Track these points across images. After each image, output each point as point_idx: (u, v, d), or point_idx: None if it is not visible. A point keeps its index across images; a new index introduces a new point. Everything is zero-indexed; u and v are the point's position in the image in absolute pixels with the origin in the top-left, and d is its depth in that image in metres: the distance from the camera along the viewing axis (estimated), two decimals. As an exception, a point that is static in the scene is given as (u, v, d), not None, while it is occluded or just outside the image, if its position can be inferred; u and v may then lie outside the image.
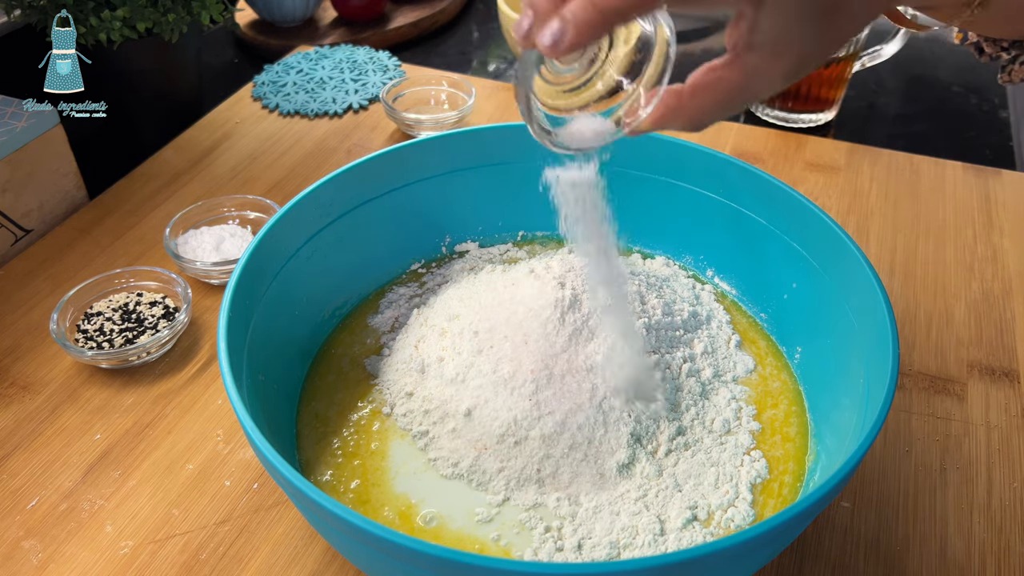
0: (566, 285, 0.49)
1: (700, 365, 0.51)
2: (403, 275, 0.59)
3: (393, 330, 0.55)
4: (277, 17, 0.99)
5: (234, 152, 0.77)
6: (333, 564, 0.45)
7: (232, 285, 0.44)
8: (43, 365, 0.56)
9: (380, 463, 0.47)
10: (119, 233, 0.67)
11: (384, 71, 0.89)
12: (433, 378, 0.49)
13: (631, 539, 0.42)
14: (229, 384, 0.40)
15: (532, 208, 0.60)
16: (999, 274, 0.64)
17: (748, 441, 0.47)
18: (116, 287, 0.59)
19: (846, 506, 0.48)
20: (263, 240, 0.48)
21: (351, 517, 0.33)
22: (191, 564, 0.45)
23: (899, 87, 0.93)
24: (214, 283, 0.62)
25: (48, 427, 0.52)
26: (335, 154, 0.77)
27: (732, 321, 0.55)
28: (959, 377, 0.56)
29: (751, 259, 0.55)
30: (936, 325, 0.59)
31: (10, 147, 0.63)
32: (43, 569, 0.45)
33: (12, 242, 0.66)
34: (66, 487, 0.49)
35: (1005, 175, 0.74)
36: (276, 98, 0.84)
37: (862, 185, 0.73)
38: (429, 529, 0.43)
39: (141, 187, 0.72)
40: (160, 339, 0.55)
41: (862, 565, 0.45)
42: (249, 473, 0.49)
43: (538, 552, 0.42)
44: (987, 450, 0.51)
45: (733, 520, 0.43)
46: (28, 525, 0.47)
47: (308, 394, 0.51)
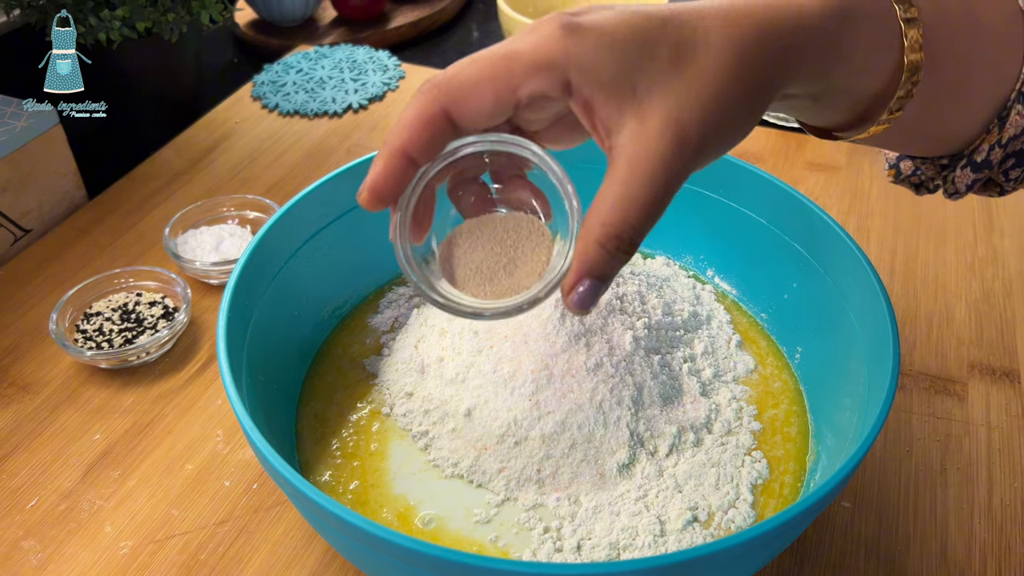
0: (566, 285, 0.49)
1: (701, 365, 0.51)
2: (403, 275, 0.59)
3: (393, 330, 0.55)
4: (277, 17, 0.99)
5: (234, 152, 0.77)
6: (332, 564, 0.45)
7: (232, 285, 0.44)
8: (42, 365, 0.56)
9: (379, 464, 0.47)
10: (118, 233, 0.67)
11: (384, 71, 0.89)
12: (433, 378, 0.48)
13: (631, 540, 0.42)
14: (228, 384, 0.39)
15: (532, 208, 0.60)
16: (999, 274, 0.64)
17: (749, 441, 0.47)
18: (115, 287, 0.59)
19: (847, 506, 0.48)
20: (263, 240, 0.48)
21: (350, 517, 0.33)
22: (190, 564, 0.45)
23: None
24: (213, 283, 0.62)
25: (47, 427, 0.52)
26: (335, 154, 0.77)
27: (732, 321, 0.55)
28: (960, 377, 0.56)
29: (751, 259, 0.55)
30: (937, 325, 0.59)
31: (10, 147, 0.63)
32: (42, 569, 0.45)
33: (11, 242, 0.65)
34: (65, 487, 0.49)
35: (1006, 175, 0.74)
36: (276, 98, 0.84)
37: (862, 185, 0.73)
38: (428, 530, 0.43)
39: (140, 187, 0.72)
40: (159, 339, 0.55)
41: (862, 565, 0.45)
42: (248, 473, 0.49)
43: (537, 553, 0.42)
44: (988, 450, 0.51)
45: (734, 521, 0.43)
46: (27, 525, 0.47)
47: (308, 394, 0.51)
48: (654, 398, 0.47)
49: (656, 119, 0.30)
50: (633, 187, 0.30)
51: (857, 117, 0.36)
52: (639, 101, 0.30)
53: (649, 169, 0.30)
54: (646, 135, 0.30)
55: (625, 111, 0.30)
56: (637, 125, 0.30)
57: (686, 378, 0.49)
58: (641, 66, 0.30)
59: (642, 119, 0.30)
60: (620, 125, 0.31)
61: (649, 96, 0.30)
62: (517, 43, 0.31)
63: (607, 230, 0.31)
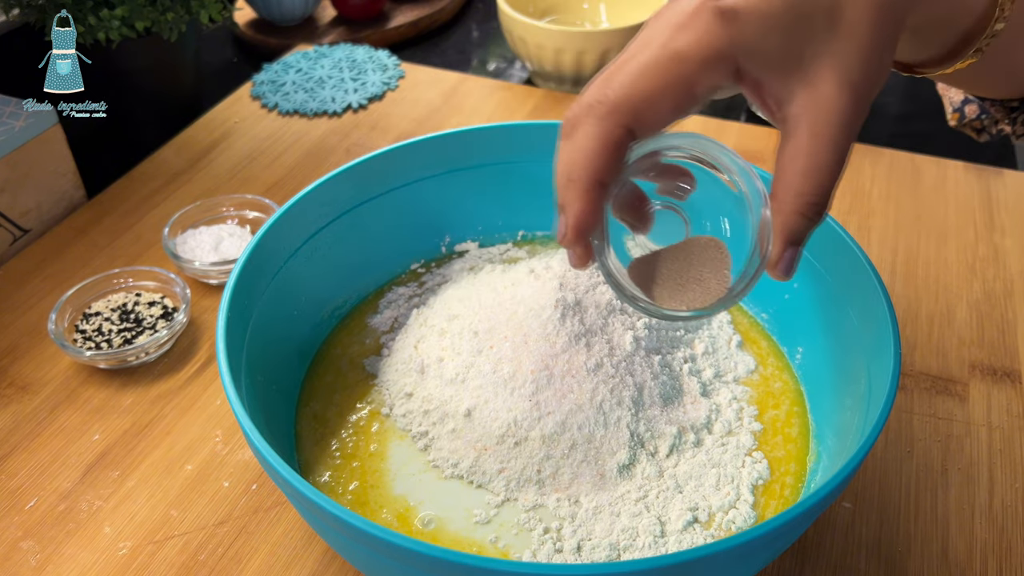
0: (566, 285, 0.49)
1: (701, 365, 0.50)
2: (403, 275, 0.59)
3: (392, 330, 0.55)
4: (276, 16, 0.99)
5: (233, 151, 0.77)
6: (332, 565, 0.45)
7: (231, 285, 0.44)
8: (41, 365, 0.56)
9: (379, 464, 0.46)
10: (118, 233, 0.67)
11: (383, 70, 0.89)
12: (433, 378, 0.48)
13: (631, 540, 0.42)
14: (228, 384, 0.39)
15: (532, 208, 0.60)
16: (1000, 274, 0.63)
17: (749, 442, 0.47)
18: (114, 287, 0.59)
19: (847, 507, 0.48)
20: (262, 240, 0.48)
21: (349, 518, 0.33)
22: (190, 565, 0.45)
23: (900, 87, 0.93)
24: (213, 283, 0.62)
25: (46, 427, 0.52)
26: (334, 153, 0.77)
27: (733, 321, 0.55)
28: (961, 377, 0.55)
29: (752, 259, 0.55)
30: (937, 325, 0.59)
31: (9, 147, 0.63)
32: (41, 570, 0.45)
33: (10, 242, 0.65)
34: (64, 488, 0.49)
35: (1006, 175, 0.74)
36: (275, 97, 0.84)
37: (863, 185, 0.73)
38: (427, 531, 0.43)
39: (140, 187, 0.72)
40: (159, 339, 0.55)
41: (863, 566, 0.45)
42: (248, 474, 0.49)
43: (537, 553, 0.42)
44: (989, 451, 0.51)
45: (734, 522, 0.43)
46: (26, 526, 0.47)
47: (307, 395, 0.51)
48: (654, 398, 0.47)
49: (829, 83, 0.31)
50: (821, 155, 0.31)
51: (947, 52, 0.38)
52: (805, 70, 0.31)
53: (833, 134, 0.31)
54: (822, 101, 0.31)
55: (792, 82, 0.31)
56: (808, 93, 0.31)
57: (686, 378, 0.49)
58: (804, 38, 0.31)
59: (812, 86, 0.31)
60: (791, 95, 0.31)
61: (816, 64, 0.31)
62: (675, 42, 0.31)
63: (806, 200, 0.32)
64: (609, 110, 0.31)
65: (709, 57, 0.31)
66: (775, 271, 0.33)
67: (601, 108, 0.31)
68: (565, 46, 0.81)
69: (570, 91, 0.86)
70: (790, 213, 0.32)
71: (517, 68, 0.97)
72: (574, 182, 0.32)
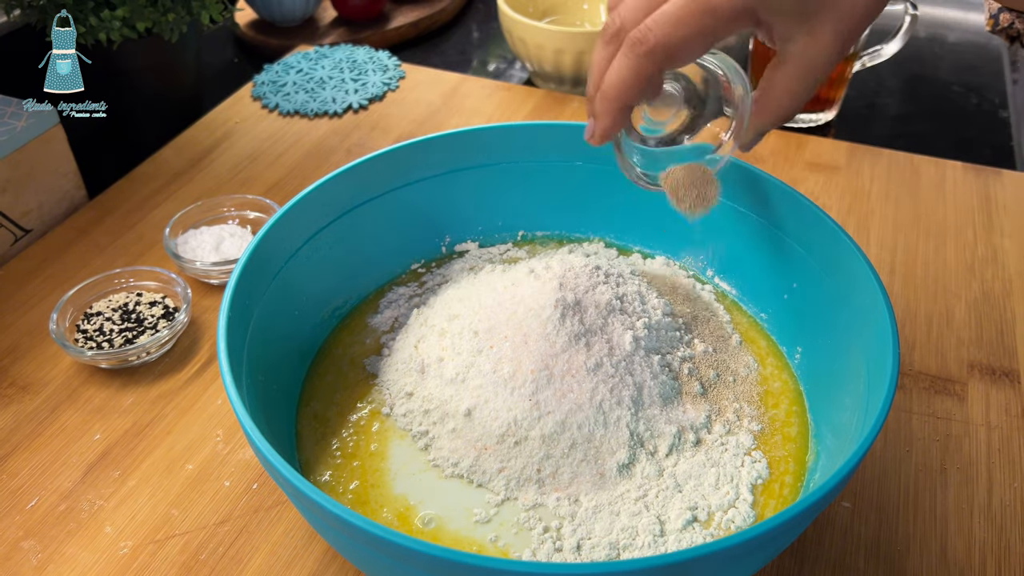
0: (566, 285, 0.49)
1: (700, 365, 0.51)
2: (403, 275, 0.59)
3: (393, 330, 0.55)
4: (277, 17, 0.99)
5: (234, 152, 0.77)
6: (332, 565, 0.45)
7: (232, 285, 0.44)
8: (42, 365, 0.56)
9: (379, 464, 0.47)
10: (119, 233, 0.67)
11: (384, 71, 0.89)
12: (433, 378, 0.48)
13: (631, 540, 0.42)
14: (229, 384, 0.40)
15: (532, 208, 0.60)
16: (999, 274, 0.64)
17: (749, 441, 0.47)
18: (116, 287, 0.59)
19: (846, 506, 0.48)
20: (263, 240, 0.48)
21: (350, 517, 0.33)
22: (191, 564, 0.45)
23: (899, 87, 0.93)
24: (214, 283, 0.62)
25: (47, 427, 0.52)
26: (335, 154, 0.77)
27: (732, 321, 0.55)
28: (959, 377, 0.56)
29: (751, 259, 0.55)
30: (936, 325, 0.59)
31: (10, 147, 0.63)
32: (42, 570, 0.45)
33: (12, 242, 0.66)
34: (65, 487, 0.49)
35: (1005, 175, 0.74)
36: (276, 98, 0.84)
37: (862, 185, 0.73)
38: (428, 530, 0.43)
39: (141, 187, 0.72)
40: (160, 339, 0.55)
41: (862, 565, 0.45)
42: (249, 473, 0.49)
43: (537, 553, 0.42)
44: (987, 450, 0.51)
45: (734, 521, 0.43)
46: (27, 525, 0.47)
47: (308, 394, 0.51)
48: (654, 398, 0.47)
49: (826, 32, 0.39)
50: (805, 82, 0.40)
51: None
52: (809, 19, 0.39)
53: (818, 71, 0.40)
54: (818, 45, 0.39)
55: (796, 27, 0.39)
56: (808, 37, 0.39)
57: (686, 378, 0.49)
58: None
59: (813, 33, 0.39)
60: (794, 36, 0.39)
61: (820, 17, 0.39)
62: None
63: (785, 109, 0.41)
64: (648, 51, 0.37)
65: (737, 9, 0.37)
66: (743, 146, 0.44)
67: (642, 48, 0.37)
68: (565, 47, 0.81)
69: (570, 91, 0.86)
70: (768, 114, 0.41)
71: (517, 69, 0.97)
72: (608, 101, 0.39)
